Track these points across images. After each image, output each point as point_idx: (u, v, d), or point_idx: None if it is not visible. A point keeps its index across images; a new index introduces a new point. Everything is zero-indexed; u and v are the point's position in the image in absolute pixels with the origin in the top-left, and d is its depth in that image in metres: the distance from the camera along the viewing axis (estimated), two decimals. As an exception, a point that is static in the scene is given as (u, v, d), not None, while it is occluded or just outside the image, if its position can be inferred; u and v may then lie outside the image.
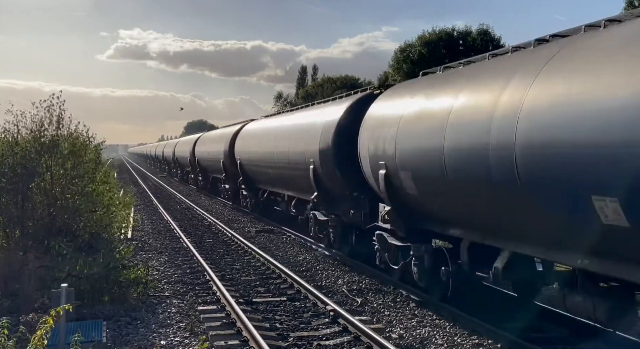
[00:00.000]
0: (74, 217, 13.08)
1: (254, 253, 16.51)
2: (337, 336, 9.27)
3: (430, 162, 9.51)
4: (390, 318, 10.31)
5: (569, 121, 6.56)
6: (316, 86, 67.83)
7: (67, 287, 8.39)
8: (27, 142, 12.74)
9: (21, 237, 12.09)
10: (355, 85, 54.67)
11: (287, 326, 9.90)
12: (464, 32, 43.13)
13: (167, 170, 67.23)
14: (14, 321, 8.50)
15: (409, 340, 9.13)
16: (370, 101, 13.52)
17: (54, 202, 12.62)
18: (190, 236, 20.07)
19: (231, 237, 19.78)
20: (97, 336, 8.51)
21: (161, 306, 11.16)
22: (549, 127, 6.84)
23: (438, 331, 9.52)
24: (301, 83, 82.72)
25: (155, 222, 24.54)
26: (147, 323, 10.12)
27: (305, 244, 18.05)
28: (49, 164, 12.71)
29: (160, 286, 12.68)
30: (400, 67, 42.05)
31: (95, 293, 10.87)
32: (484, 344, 8.82)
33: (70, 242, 12.18)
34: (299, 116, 19.84)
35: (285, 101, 78.43)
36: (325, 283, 13.01)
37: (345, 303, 11.22)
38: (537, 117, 7.09)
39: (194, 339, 9.20)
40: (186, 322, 10.08)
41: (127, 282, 11.49)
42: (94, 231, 13.91)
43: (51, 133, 13.09)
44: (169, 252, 17.26)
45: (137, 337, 9.35)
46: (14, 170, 12.20)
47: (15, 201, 12.19)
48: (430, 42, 42.13)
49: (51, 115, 13.15)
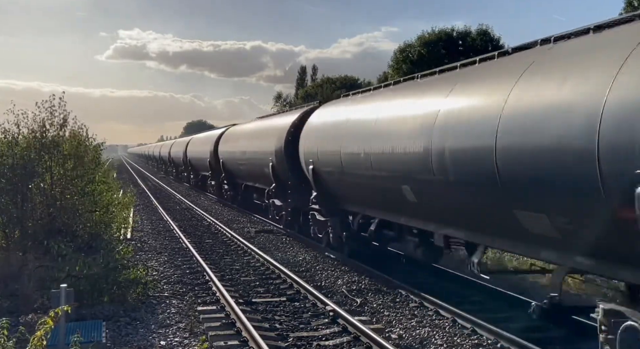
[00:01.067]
0: (74, 218, 13.09)
1: (253, 253, 16.51)
2: (337, 337, 9.27)
3: (334, 160, 14.05)
4: (390, 318, 10.31)
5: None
6: (316, 86, 67.80)
7: (66, 287, 8.39)
8: (28, 142, 12.75)
9: (21, 238, 12.10)
10: (355, 86, 54.65)
11: (287, 326, 9.90)
12: (464, 33, 43.13)
13: (164, 169, 69.03)
14: (13, 321, 8.50)
15: (408, 340, 9.13)
16: (312, 112, 17.80)
17: (53, 202, 12.62)
18: (189, 236, 20.07)
19: (230, 237, 19.78)
20: (96, 337, 8.51)
21: (161, 307, 11.16)
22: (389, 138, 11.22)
23: (438, 331, 9.52)
24: (300, 83, 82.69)
25: (154, 223, 24.53)
26: (147, 323, 10.12)
27: (305, 245, 18.06)
28: (49, 164, 12.71)
29: (159, 287, 12.68)
30: (400, 67, 42.06)
31: (95, 293, 10.87)
32: (484, 344, 8.82)
33: (69, 242, 12.18)
34: (265, 123, 24.36)
35: (284, 102, 78.42)
36: (325, 283, 13.01)
37: (345, 303, 11.22)
38: (382, 128, 11.70)
39: (194, 339, 9.20)
40: (186, 322, 10.08)
41: (127, 282, 11.49)
42: (94, 232, 13.91)
43: (52, 134, 13.10)
44: (168, 252, 17.25)
45: (136, 337, 9.35)
46: (13, 170, 12.20)
47: (14, 202, 12.20)
48: (430, 42, 42.13)
49: (53, 115, 13.16)
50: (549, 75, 7.19)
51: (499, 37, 43.16)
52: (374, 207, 13.16)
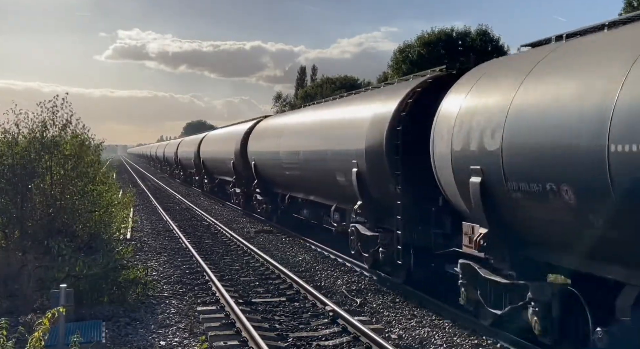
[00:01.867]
0: (73, 218, 13.07)
1: (253, 254, 16.50)
2: (337, 337, 9.26)
3: (261, 157, 22.47)
4: (390, 319, 10.31)
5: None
6: (315, 87, 67.84)
7: (66, 287, 8.39)
8: (28, 142, 12.73)
9: (20, 238, 12.08)
10: (355, 86, 54.66)
11: (287, 326, 9.90)
12: (463, 33, 43.16)
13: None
14: (13, 321, 8.50)
15: (408, 340, 9.13)
16: (258, 123, 25.44)
17: (53, 202, 12.61)
18: (189, 237, 20.06)
19: (230, 237, 19.78)
20: (96, 337, 8.50)
21: (160, 307, 11.15)
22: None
23: (437, 331, 9.52)
24: (300, 83, 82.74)
25: (154, 223, 24.53)
26: (147, 323, 10.12)
27: (304, 245, 18.06)
28: (49, 164, 12.71)
29: (159, 287, 12.68)
30: (400, 67, 42.08)
31: (95, 294, 10.87)
32: (483, 344, 8.82)
33: (69, 242, 12.15)
34: (230, 129, 30.07)
35: (284, 102, 78.45)
36: (325, 283, 13.01)
37: (345, 303, 11.22)
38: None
39: (193, 339, 9.20)
40: (185, 322, 10.07)
41: (127, 282, 11.49)
42: (93, 232, 13.89)
43: (53, 134, 13.08)
44: (168, 252, 17.25)
45: (136, 337, 9.34)
46: (13, 170, 12.19)
47: (14, 202, 12.18)
48: (430, 42, 42.14)
49: (55, 115, 13.14)
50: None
51: (499, 37, 43.21)
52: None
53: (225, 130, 33.66)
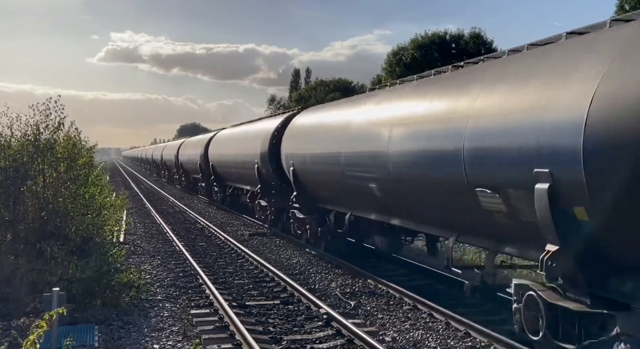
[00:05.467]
0: (66, 221, 13.02)
1: (247, 256, 16.48)
2: (331, 339, 9.25)
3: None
4: (384, 321, 10.31)
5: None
6: (309, 89, 67.85)
7: (58, 291, 8.34)
8: (21, 145, 12.68)
9: (12, 241, 12.01)
10: (348, 88, 54.74)
11: (281, 329, 9.88)
12: (457, 36, 43.32)
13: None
14: (5, 325, 8.46)
15: (402, 343, 9.13)
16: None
17: (45, 205, 12.55)
18: (183, 239, 20.01)
19: (224, 240, 19.74)
20: (89, 340, 8.47)
21: (154, 310, 11.11)
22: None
23: (431, 333, 9.52)
24: (294, 86, 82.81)
25: (147, 226, 24.45)
26: (140, 326, 10.08)
27: (298, 248, 18.03)
28: (41, 167, 12.65)
29: (152, 290, 12.63)
30: (393, 70, 42.19)
31: (88, 297, 10.80)
32: (477, 347, 8.83)
33: (62, 245, 12.10)
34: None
35: (278, 104, 78.43)
36: (319, 286, 13.00)
37: (339, 306, 11.21)
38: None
39: (187, 342, 9.16)
40: (179, 326, 10.04)
41: (120, 286, 11.43)
42: (86, 235, 13.83)
43: (46, 137, 13.03)
44: (161, 255, 17.19)
45: (129, 341, 9.30)
46: (5, 173, 12.13)
47: (6, 205, 12.12)
48: (423, 45, 42.27)
49: (47, 118, 13.09)
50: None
51: (492, 40, 43.38)
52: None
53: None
